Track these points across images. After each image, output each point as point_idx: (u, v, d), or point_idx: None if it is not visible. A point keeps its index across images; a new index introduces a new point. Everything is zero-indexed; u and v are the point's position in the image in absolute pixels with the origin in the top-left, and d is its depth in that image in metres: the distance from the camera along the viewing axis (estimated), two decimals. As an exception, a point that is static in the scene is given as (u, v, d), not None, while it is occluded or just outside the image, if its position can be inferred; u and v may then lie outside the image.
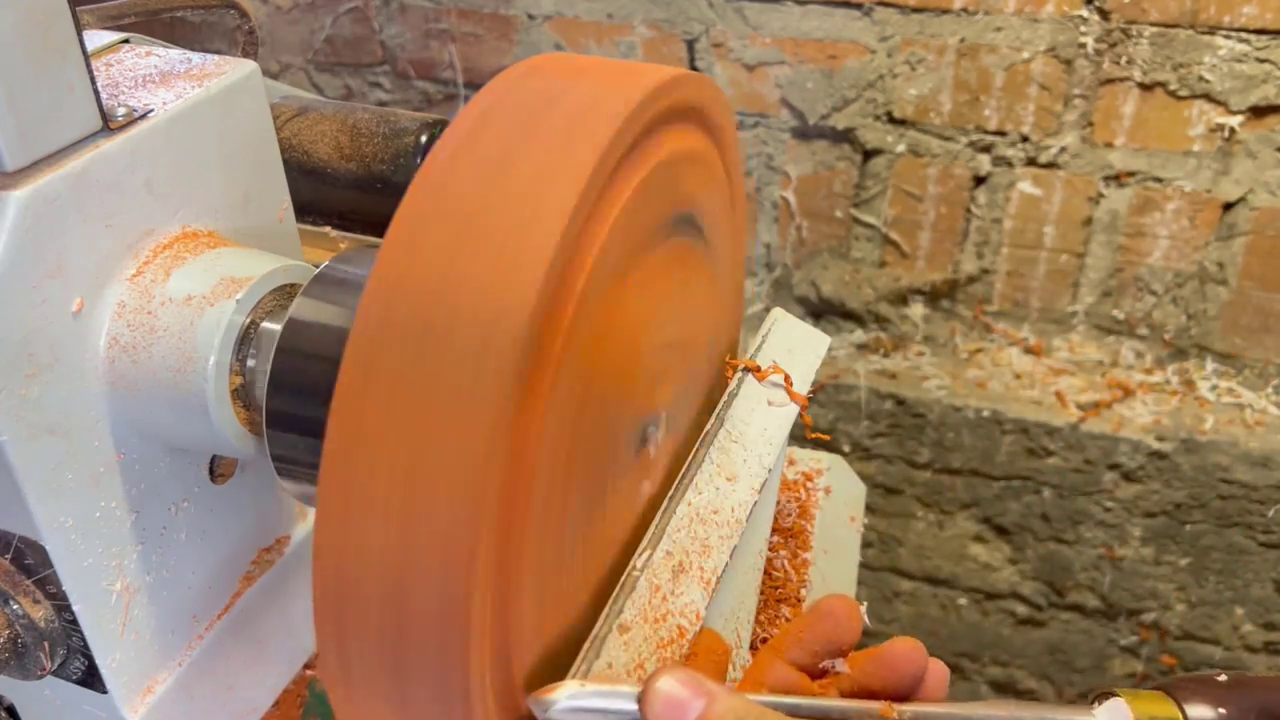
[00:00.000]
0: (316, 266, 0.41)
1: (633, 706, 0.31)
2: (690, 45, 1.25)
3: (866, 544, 1.40)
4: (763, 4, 1.19)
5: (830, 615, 0.39)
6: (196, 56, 0.46)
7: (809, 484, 0.64)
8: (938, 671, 0.38)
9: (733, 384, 0.48)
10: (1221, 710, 0.34)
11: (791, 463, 0.66)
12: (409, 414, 0.30)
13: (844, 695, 0.38)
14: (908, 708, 0.35)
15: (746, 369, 0.48)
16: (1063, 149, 1.16)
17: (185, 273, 0.41)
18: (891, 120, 1.21)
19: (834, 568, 0.60)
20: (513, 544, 0.32)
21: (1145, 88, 1.11)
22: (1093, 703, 0.35)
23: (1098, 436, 1.21)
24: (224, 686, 0.48)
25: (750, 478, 0.44)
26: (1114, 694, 0.35)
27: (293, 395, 0.39)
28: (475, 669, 0.31)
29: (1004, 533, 1.34)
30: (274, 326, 0.40)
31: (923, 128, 1.20)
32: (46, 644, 0.40)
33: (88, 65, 0.38)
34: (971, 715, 0.34)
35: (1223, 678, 0.35)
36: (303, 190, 0.54)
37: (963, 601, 1.41)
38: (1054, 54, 1.12)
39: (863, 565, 0.78)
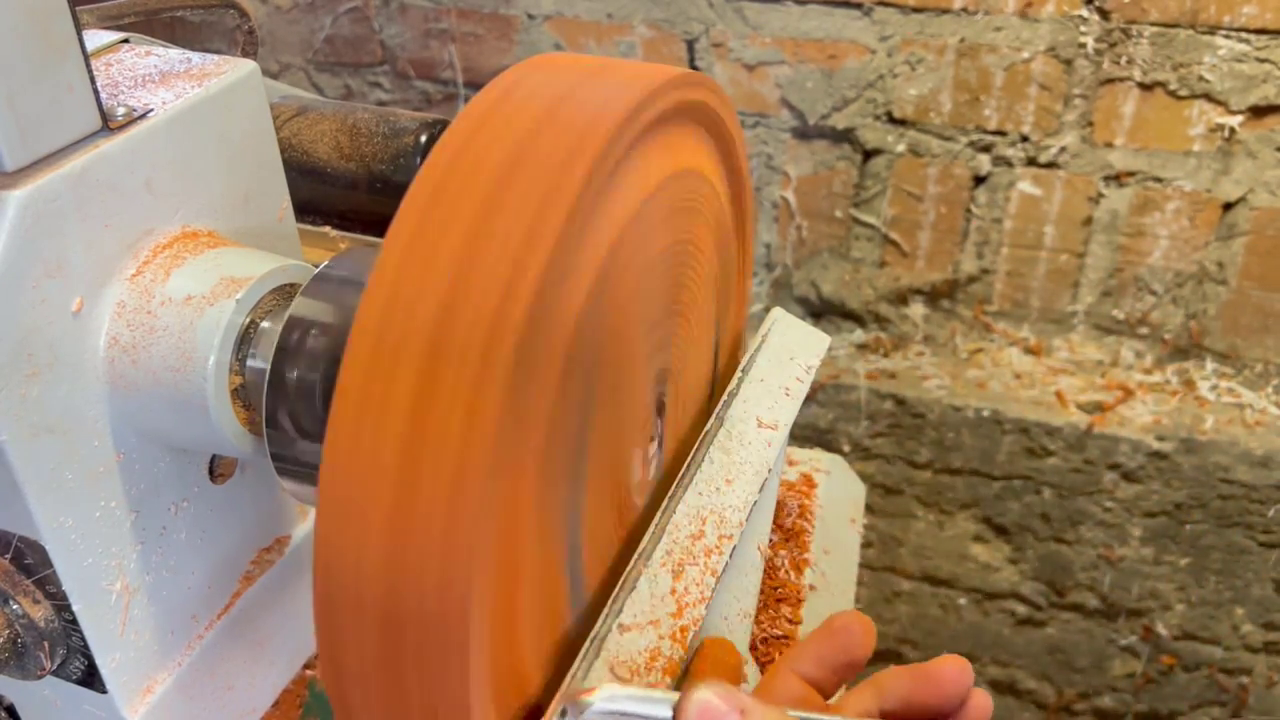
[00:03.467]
0: (316, 266, 0.41)
1: (668, 714, 0.32)
2: (690, 45, 1.25)
3: (866, 544, 1.40)
4: (763, 4, 1.19)
5: (845, 631, 0.39)
6: (196, 56, 0.46)
7: (809, 484, 0.64)
8: (981, 702, 0.37)
9: (733, 384, 0.48)
10: None
11: (791, 463, 0.66)
12: (409, 416, 0.30)
13: (885, 711, 0.37)
14: None
15: (746, 369, 0.48)
16: (1063, 149, 1.16)
17: (185, 272, 0.41)
18: (891, 120, 1.21)
19: (834, 568, 0.59)
20: (513, 545, 0.32)
21: (1145, 88, 1.11)
22: None
23: (1098, 436, 1.21)
24: (223, 686, 0.48)
25: (750, 478, 0.44)
26: None
27: (293, 395, 0.39)
28: (474, 670, 0.31)
29: (1004, 533, 1.34)
30: (274, 326, 0.40)
31: (923, 128, 1.20)
32: (46, 644, 0.40)
33: (88, 65, 0.38)
34: None
35: None
36: (303, 190, 0.54)
37: (963, 601, 1.41)
38: (1054, 54, 1.12)
39: (863, 565, 0.78)
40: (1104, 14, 1.08)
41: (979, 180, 1.21)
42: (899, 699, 0.37)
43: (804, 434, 1.32)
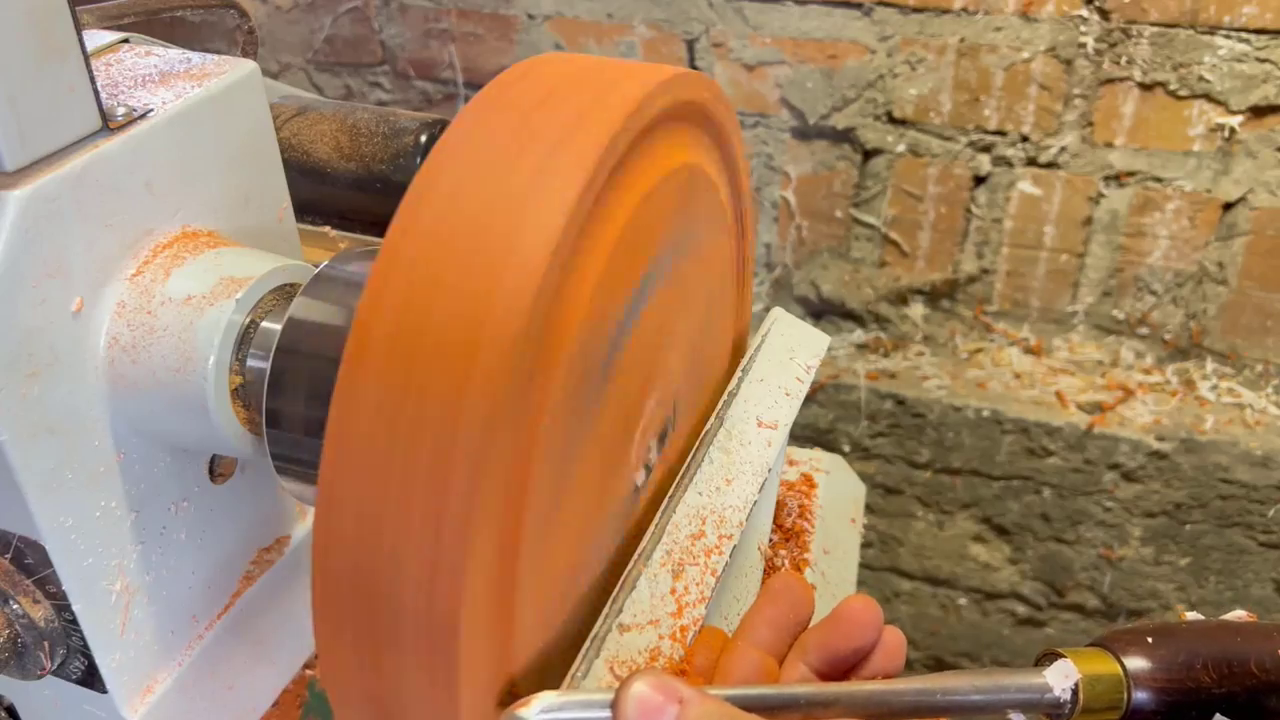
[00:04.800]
0: (316, 266, 0.41)
1: (606, 714, 0.31)
2: (690, 45, 1.25)
3: (866, 544, 1.40)
4: (763, 4, 1.19)
5: (786, 591, 0.39)
6: (196, 56, 0.46)
7: (809, 484, 0.64)
8: (894, 638, 0.38)
9: (733, 384, 0.48)
10: (1155, 660, 0.35)
11: (791, 463, 0.66)
12: (408, 417, 0.30)
13: (810, 666, 0.38)
14: (868, 686, 0.35)
15: (746, 369, 0.48)
16: (1063, 149, 1.16)
17: (185, 272, 0.41)
18: (891, 120, 1.21)
19: (834, 568, 0.59)
20: (511, 544, 0.32)
21: (1145, 88, 1.11)
22: (1039, 664, 0.36)
23: (1098, 436, 1.21)
24: (224, 686, 0.48)
25: (750, 477, 0.44)
26: (1059, 654, 0.36)
27: (293, 395, 0.39)
28: (466, 669, 0.31)
29: (1004, 533, 1.34)
30: (274, 326, 0.40)
31: (923, 128, 1.20)
32: (46, 644, 0.40)
33: (88, 65, 0.38)
34: (930, 688, 0.34)
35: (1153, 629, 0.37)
36: (303, 190, 0.54)
37: (963, 601, 1.41)
38: (1054, 54, 1.12)
39: (863, 565, 0.78)
40: (1104, 14, 1.08)
41: (979, 180, 1.21)
42: (821, 652, 0.38)
43: (804, 434, 1.32)
